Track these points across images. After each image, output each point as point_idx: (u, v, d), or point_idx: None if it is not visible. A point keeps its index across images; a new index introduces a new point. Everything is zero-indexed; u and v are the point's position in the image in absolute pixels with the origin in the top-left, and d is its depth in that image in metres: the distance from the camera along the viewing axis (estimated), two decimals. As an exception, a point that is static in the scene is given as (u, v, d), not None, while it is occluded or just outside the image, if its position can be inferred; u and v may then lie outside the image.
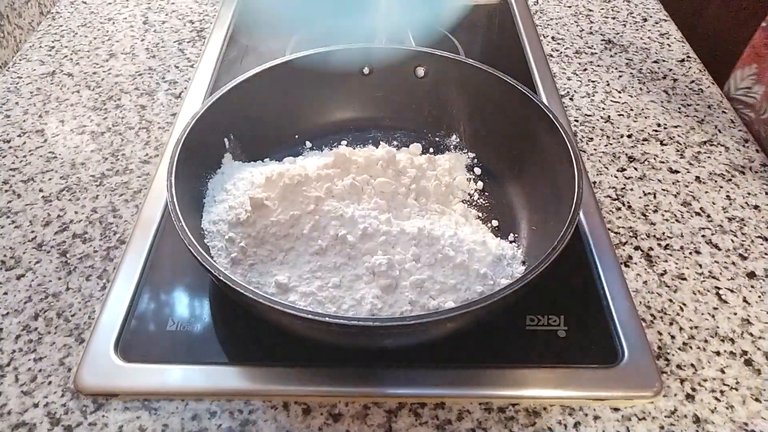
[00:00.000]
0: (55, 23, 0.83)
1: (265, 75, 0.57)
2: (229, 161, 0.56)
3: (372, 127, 0.64)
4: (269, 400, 0.43)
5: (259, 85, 0.57)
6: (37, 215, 0.56)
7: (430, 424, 0.42)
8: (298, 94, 0.61)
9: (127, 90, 0.71)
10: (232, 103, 0.55)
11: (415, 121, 0.63)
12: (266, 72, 0.58)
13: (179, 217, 0.43)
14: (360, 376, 0.45)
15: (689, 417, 0.43)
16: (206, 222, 0.50)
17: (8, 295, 0.50)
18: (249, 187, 0.51)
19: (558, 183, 0.50)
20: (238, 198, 0.50)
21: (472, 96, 0.60)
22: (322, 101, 0.62)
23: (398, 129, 0.63)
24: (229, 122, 0.56)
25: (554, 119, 0.52)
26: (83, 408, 0.43)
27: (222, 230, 0.49)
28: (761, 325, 0.49)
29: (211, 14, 0.85)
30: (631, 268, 0.53)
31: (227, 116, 0.55)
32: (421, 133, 0.63)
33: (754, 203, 0.59)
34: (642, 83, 0.73)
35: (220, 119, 0.54)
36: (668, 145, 0.65)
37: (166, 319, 0.48)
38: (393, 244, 0.47)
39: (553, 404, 0.44)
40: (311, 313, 0.38)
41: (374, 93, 0.63)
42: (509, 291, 0.39)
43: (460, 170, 0.59)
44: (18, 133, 0.65)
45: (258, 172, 0.53)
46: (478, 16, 0.87)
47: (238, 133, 0.57)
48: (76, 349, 0.46)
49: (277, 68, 0.58)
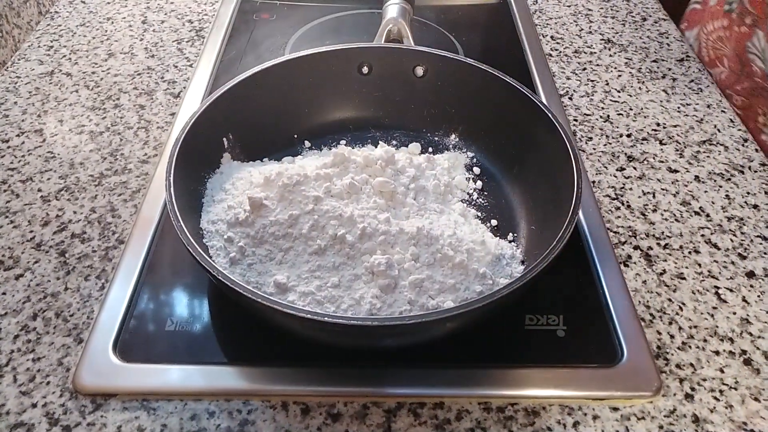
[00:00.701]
0: (54, 23, 0.82)
1: (264, 74, 0.57)
2: (228, 161, 0.56)
3: (371, 127, 0.63)
4: (268, 400, 0.43)
5: (257, 84, 0.57)
6: (35, 215, 0.56)
7: (429, 423, 0.42)
8: (296, 94, 0.61)
9: (126, 90, 0.71)
10: (231, 102, 0.55)
11: (414, 120, 0.63)
12: (265, 71, 0.57)
13: (178, 217, 0.43)
14: (359, 375, 0.45)
15: (688, 416, 0.43)
16: (205, 222, 0.50)
17: (7, 295, 0.50)
18: (248, 186, 0.51)
19: (557, 182, 0.50)
20: (236, 198, 0.50)
21: (471, 95, 0.60)
22: (320, 101, 0.62)
23: (397, 128, 0.63)
24: (227, 122, 0.56)
25: (553, 118, 0.52)
26: (82, 408, 0.43)
27: (221, 230, 0.49)
28: (760, 325, 0.49)
29: (210, 14, 0.84)
30: (630, 267, 0.53)
31: (226, 116, 0.55)
32: (420, 132, 0.63)
33: (754, 203, 0.59)
34: (641, 83, 0.73)
35: (218, 119, 0.54)
36: (667, 145, 0.65)
37: (164, 319, 0.48)
38: (392, 244, 0.47)
39: (552, 404, 0.44)
40: (309, 313, 0.38)
41: (373, 92, 0.63)
42: (508, 291, 0.39)
43: (459, 170, 0.59)
44: (16, 132, 0.65)
45: (257, 171, 0.53)
46: (477, 15, 0.87)
47: (237, 132, 0.57)
48: (75, 349, 0.46)
49: (276, 68, 0.58)
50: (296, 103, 0.61)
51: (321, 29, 0.81)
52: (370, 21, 0.83)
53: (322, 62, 0.60)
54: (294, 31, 0.80)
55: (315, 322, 0.38)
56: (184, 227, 0.43)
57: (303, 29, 0.81)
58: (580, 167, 0.48)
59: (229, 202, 0.50)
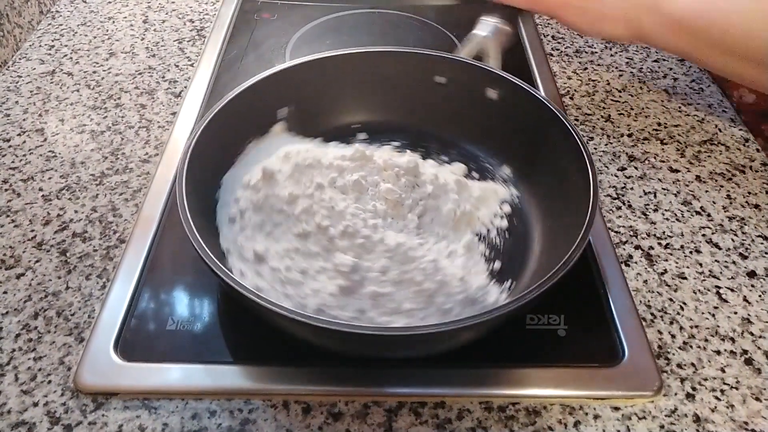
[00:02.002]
0: (55, 22, 0.82)
1: (341, 60, 0.59)
2: (280, 131, 0.57)
3: (429, 137, 0.61)
4: (269, 399, 0.43)
5: (333, 65, 0.59)
6: (36, 214, 0.56)
7: (430, 423, 0.42)
8: (366, 85, 0.61)
9: (127, 89, 0.71)
10: (304, 73, 0.58)
11: (473, 140, 0.61)
12: (344, 57, 0.59)
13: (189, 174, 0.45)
14: (360, 375, 0.45)
15: (689, 416, 0.43)
16: (230, 175, 0.52)
17: (8, 294, 0.50)
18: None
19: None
20: (262, 164, 0.52)
21: (534, 133, 0.56)
22: (388, 98, 0.62)
23: (454, 145, 0.61)
24: (293, 92, 0.58)
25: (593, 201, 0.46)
26: (83, 407, 0.43)
27: (235, 188, 0.51)
28: (761, 325, 0.49)
29: (211, 13, 0.84)
30: (631, 267, 0.53)
31: (296, 85, 0.57)
32: (475, 154, 0.60)
33: (755, 202, 0.59)
34: (642, 82, 0.73)
35: (285, 88, 0.57)
36: (669, 144, 0.65)
37: (166, 318, 0.48)
38: (369, 251, 0.46)
39: (554, 403, 0.44)
40: (301, 316, 0.38)
41: (441, 104, 0.61)
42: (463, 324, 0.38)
43: (491, 203, 0.54)
44: (18, 132, 0.65)
45: (295, 149, 0.54)
46: (478, 15, 0.87)
47: (299, 106, 0.58)
48: (76, 348, 0.46)
49: (356, 56, 0.60)
50: (363, 94, 0.61)
51: (322, 29, 0.81)
52: (372, 20, 0.83)
53: (402, 61, 0.60)
54: (295, 31, 0.80)
55: (296, 322, 0.38)
56: (187, 208, 0.43)
57: (304, 29, 0.81)
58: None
59: (257, 165, 0.52)
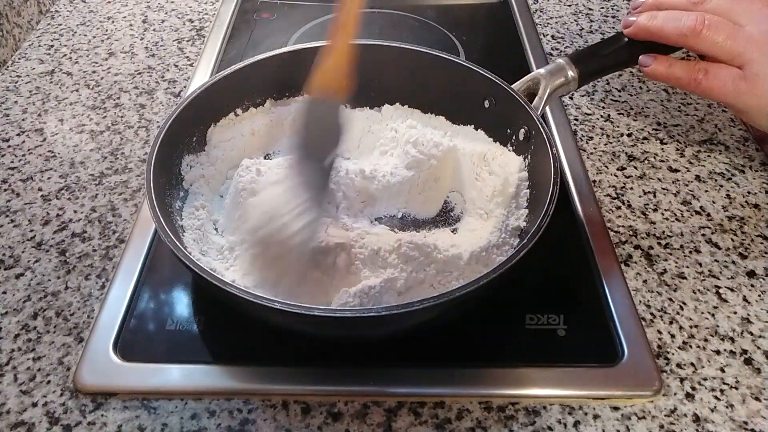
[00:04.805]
0: (54, 22, 0.82)
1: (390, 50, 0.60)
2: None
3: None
4: (268, 399, 0.43)
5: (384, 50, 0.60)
6: (36, 214, 0.56)
7: (430, 423, 0.42)
8: (411, 80, 0.61)
9: (127, 89, 0.71)
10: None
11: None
12: (391, 49, 0.60)
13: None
14: (359, 375, 0.45)
15: (689, 416, 0.43)
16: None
17: (7, 294, 0.50)
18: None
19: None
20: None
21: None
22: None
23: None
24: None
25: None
26: (82, 407, 0.43)
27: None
28: (761, 324, 0.49)
29: (211, 13, 0.84)
30: (630, 267, 0.53)
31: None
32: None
33: (754, 202, 0.59)
34: (642, 82, 0.73)
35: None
36: (668, 144, 0.65)
37: (165, 318, 0.48)
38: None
39: (553, 403, 0.44)
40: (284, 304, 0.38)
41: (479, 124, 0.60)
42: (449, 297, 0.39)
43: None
44: (17, 131, 0.65)
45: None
46: (478, 15, 0.87)
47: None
48: (75, 348, 0.46)
49: (402, 51, 0.60)
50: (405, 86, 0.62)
51: (321, 29, 0.81)
52: (371, 21, 0.83)
53: (460, 71, 0.59)
54: (295, 31, 0.80)
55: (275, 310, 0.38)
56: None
57: (303, 29, 0.81)
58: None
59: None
